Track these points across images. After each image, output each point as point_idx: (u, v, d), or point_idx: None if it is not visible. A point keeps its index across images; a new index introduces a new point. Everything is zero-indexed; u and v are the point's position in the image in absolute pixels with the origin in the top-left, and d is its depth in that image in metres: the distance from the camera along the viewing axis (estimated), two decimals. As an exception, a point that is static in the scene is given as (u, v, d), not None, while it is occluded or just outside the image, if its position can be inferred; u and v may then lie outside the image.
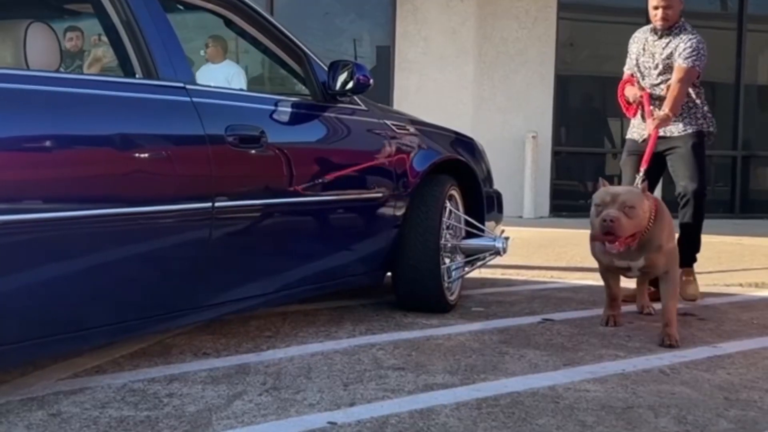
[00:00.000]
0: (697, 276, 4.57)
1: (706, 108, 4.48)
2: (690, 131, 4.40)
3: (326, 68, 3.53)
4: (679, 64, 4.30)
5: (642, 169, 4.01)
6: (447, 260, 4.03)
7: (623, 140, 4.87)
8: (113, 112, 2.62)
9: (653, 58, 4.41)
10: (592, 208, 3.44)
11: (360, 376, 2.88)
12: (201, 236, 2.87)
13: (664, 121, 4.25)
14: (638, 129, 4.55)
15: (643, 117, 4.46)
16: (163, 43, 2.86)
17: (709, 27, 10.21)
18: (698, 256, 4.52)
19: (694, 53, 4.30)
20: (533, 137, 9.80)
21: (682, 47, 4.31)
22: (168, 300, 2.85)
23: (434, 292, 3.89)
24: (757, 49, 11.12)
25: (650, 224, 3.44)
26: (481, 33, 9.90)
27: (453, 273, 4.10)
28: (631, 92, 4.45)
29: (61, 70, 2.83)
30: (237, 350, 3.19)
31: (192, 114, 2.84)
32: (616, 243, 3.36)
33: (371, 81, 3.55)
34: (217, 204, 2.87)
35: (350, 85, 3.50)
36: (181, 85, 2.87)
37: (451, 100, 9.73)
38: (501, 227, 4.72)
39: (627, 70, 4.57)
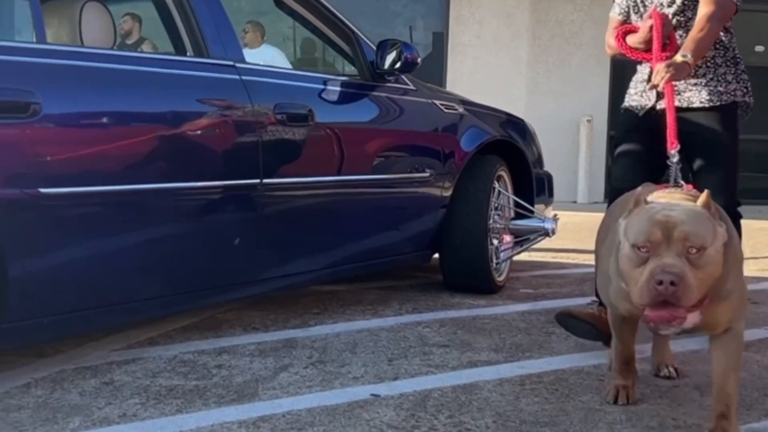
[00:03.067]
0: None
1: (742, 66, 2.98)
2: (718, 103, 2.90)
3: (374, 48, 3.55)
4: None
5: (671, 152, 2.54)
6: (495, 241, 4.03)
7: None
8: (164, 89, 2.68)
9: None
10: (628, 248, 2.00)
11: (405, 352, 2.90)
12: (249, 212, 2.93)
13: (681, 72, 2.69)
14: (639, 93, 3.02)
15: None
16: (213, 22, 2.92)
17: (750, 10, 9.92)
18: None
19: None
20: (588, 121, 9.69)
21: None
22: (217, 274, 2.91)
23: (481, 273, 3.89)
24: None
25: None
26: (535, 16, 9.81)
27: (501, 254, 4.09)
28: (640, 34, 2.93)
29: (115, 48, 2.91)
30: (285, 325, 3.24)
31: (241, 92, 2.89)
32: (680, 314, 1.91)
33: (419, 60, 3.55)
34: (265, 180, 2.92)
35: (398, 64, 3.51)
36: (231, 63, 2.91)
37: (505, 84, 9.67)
38: (553, 210, 4.70)
39: (618, 16, 3.11)
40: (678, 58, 2.70)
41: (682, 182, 2.40)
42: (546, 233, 4.10)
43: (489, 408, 2.34)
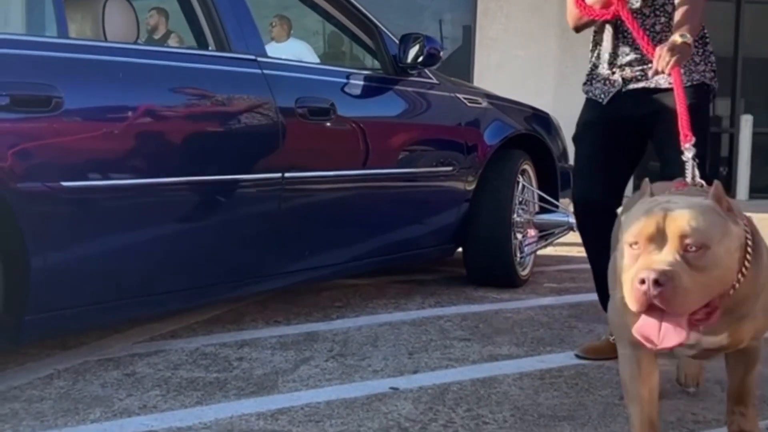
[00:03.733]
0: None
1: (710, 47, 2.73)
2: (688, 83, 2.58)
3: (397, 42, 3.55)
4: None
5: (685, 146, 2.12)
6: (519, 235, 4.01)
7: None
8: (185, 83, 2.69)
9: None
10: (622, 246, 1.70)
11: (425, 345, 2.90)
12: (271, 206, 2.94)
13: (684, 54, 2.42)
14: (603, 79, 2.75)
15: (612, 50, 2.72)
16: (235, 16, 2.93)
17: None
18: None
19: None
20: (617, 115, 9.61)
21: None
22: (239, 267, 2.92)
23: (505, 267, 3.87)
24: None
25: (744, 271, 1.69)
26: (564, 9, 9.74)
27: (525, 248, 4.08)
28: None
29: (139, 42, 2.93)
30: (307, 319, 3.26)
31: (263, 86, 2.90)
32: (677, 326, 1.60)
33: (442, 54, 3.55)
34: (287, 174, 2.93)
35: (421, 58, 3.50)
36: (253, 57, 2.93)
37: (533, 78, 9.61)
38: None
39: None
40: (677, 38, 2.41)
41: (702, 181, 2.03)
42: (570, 228, 4.07)
43: (507, 402, 2.33)
